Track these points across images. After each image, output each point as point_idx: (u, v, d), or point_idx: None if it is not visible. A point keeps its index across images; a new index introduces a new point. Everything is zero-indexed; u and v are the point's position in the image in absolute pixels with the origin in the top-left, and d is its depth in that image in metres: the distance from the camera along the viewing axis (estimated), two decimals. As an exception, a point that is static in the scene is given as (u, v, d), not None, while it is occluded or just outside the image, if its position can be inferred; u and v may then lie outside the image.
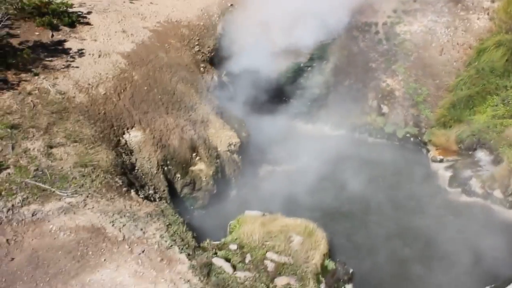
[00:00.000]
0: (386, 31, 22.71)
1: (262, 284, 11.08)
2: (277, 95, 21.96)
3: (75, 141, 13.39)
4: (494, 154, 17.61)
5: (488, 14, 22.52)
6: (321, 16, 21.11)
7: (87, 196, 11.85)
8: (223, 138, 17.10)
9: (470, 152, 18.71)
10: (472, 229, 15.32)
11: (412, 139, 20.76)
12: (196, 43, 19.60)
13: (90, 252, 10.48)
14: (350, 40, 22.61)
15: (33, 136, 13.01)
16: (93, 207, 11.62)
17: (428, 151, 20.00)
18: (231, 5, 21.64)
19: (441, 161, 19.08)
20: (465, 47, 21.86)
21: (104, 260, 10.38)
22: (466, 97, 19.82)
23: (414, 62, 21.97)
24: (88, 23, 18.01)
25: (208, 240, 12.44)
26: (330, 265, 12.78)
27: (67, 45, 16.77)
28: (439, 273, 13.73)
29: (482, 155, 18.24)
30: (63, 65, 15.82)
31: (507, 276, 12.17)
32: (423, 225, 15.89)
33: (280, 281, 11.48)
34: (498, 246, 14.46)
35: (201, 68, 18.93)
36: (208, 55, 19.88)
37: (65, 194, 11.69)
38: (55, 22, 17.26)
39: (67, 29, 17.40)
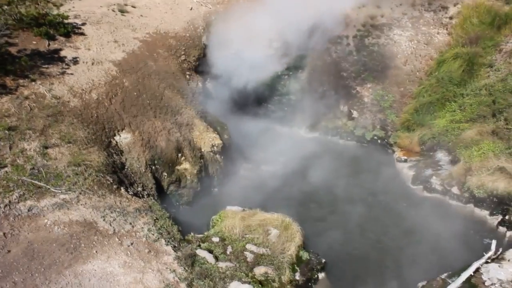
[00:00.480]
0: (356, 43, 22.96)
1: (242, 273, 11.11)
2: (256, 101, 22.02)
3: (69, 142, 13.25)
4: (452, 154, 17.89)
5: (446, 29, 22.95)
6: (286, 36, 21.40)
7: (80, 193, 11.76)
8: (206, 140, 17.08)
9: (431, 153, 18.99)
10: (431, 221, 15.51)
11: (379, 141, 20.97)
12: (183, 52, 19.56)
13: (83, 245, 10.39)
14: (323, 51, 22.77)
15: (30, 137, 12.85)
16: (85, 203, 11.53)
17: (393, 152, 20.23)
18: (215, 18, 21.62)
19: (405, 161, 19.31)
20: (427, 58, 22.23)
21: (96, 252, 10.30)
22: (428, 104, 20.12)
23: (381, 72, 22.25)
24: (82, 34, 17.84)
25: (192, 233, 12.45)
26: (305, 255, 12.87)
27: (62, 53, 16.58)
28: (401, 260, 13.87)
29: (441, 155, 18.52)
30: (59, 72, 15.64)
31: (462, 264, 12.35)
32: (387, 217, 16.06)
33: (259, 270, 11.52)
34: (454, 237, 14.68)
35: (187, 76, 18.90)
36: (193, 63, 19.86)
37: (59, 191, 11.57)
38: (51, 32, 17.05)
39: (62, 38, 17.21)
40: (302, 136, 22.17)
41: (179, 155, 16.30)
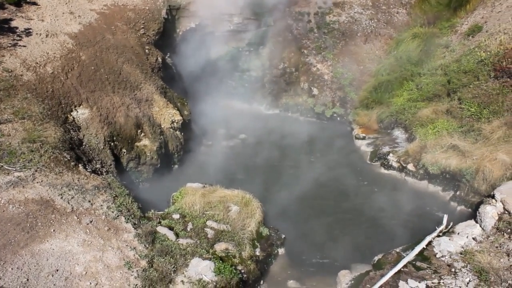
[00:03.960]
0: (317, 21, 23.02)
1: (203, 249, 11.17)
2: (217, 77, 21.86)
3: (23, 118, 12.79)
4: (409, 132, 18.41)
5: (406, 9, 23.35)
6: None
7: (36, 171, 11.42)
8: (166, 116, 16.88)
9: (388, 131, 19.51)
10: (388, 197, 16.00)
11: (338, 118, 21.32)
12: (142, 26, 19.06)
13: (39, 224, 10.15)
14: (285, 28, 22.73)
15: (-20, 112, 12.33)
16: (42, 181, 11.22)
17: (352, 129, 20.61)
18: (175, -9, 21.17)
19: (363, 138, 19.73)
20: (386, 37, 22.60)
21: (53, 230, 10.09)
22: (386, 82, 20.55)
23: (342, 50, 22.47)
24: (35, 3, 17.07)
25: (152, 211, 12.36)
26: (265, 231, 13.06)
27: (13, 24, 15.84)
28: (358, 235, 14.28)
29: (398, 133, 19.04)
30: (10, 43, 14.96)
31: (416, 238, 12.84)
32: (345, 194, 16.44)
33: (219, 246, 11.63)
34: (409, 213, 15.21)
35: (146, 50, 18.46)
36: (153, 38, 19.40)
37: (14, 169, 11.20)
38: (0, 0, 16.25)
39: (13, 8, 16.42)
40: (263, 113, 22.27)
41: (139, 131, 16.05)
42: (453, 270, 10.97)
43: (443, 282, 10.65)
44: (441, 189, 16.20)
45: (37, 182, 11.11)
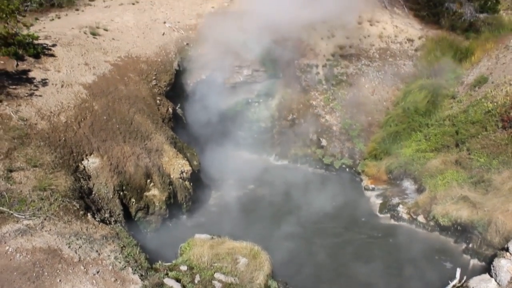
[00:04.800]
0: (326, 73, 23.40)
1: (210, 302, 10.94)
2: (226, 128, 22.07)
3: (35, 166, 12.92)
4: (418, 183, 18.28)
5: (412, 61, 23.76)
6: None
7: (45, 219, 11.40)
8: (176, 166, 16.94)
9: (398, 182, 19.37)
10: (399, 249, 15.72)
11: (347, 169, 21.25)
12: (154, 77, 19.50)
13: (46, 273, 10.03)
14: (293, 80, 23.11)
15: (-6, 160, 12.48)
16: (50, 229, 11.18)
17: (361, 180, 20.50)
18: (187, 44, 21.75)
19: (372, 189, 19.59)
20: (393, 89, 22.89)
21: (60, 280, 9.96)
22: (394, 133, 20.62)
23: (350, 101, 22.71)
24: (52, 55, 17.60)
25: (160, 262, 12.20)
26: (273, 284, 12.75)
27: (31, 74, 16.29)
28: (370, 287, 14.00)
29: (408, 184, 18.92)
30: (27, 93, 15.33)
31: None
32: (355, 246, 16.20)
33: (227, 299, 11.38)
34: (420, 265, 14.89)
35: (157, 101, 18.80)
36: (164, 88, 19.79)
37: (23, 217, 11.20)
38: (20, 52, 16.73)
39: (32, 59, 16.93)
40: (272, 164, 22.28)
41: (148, 181, 16.09)
42: (468, 327, 10.62)
43: None
44: (452, 241, 15.93)
45: (46, 231, 11.07)
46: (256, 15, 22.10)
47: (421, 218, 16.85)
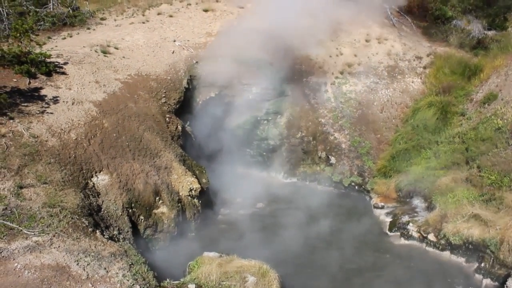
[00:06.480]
0: (334, 90, 23.42)
1: (218, 321, 10.82)
2: (235, 145, 22.07)
3: (45, 183, 12.99)
4: (428, 201, 18.07)
5: (421, 78, 23.77)
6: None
7: (54, 236, 11.42)
8: (184, 183, 16.94)
9: (407, 200, 19.15)
10: (409, 269, 15.49)
11: (356, 187, 21.09)
12: (163, 95, 19.64)
13: (54, 290, 10.02)
14: (302, 98, 23.14)
15: (4, 176, 12.56)
16: (59, 246, 11.19)
17: (370, 198, 20.32)
18: (196, 62, 21.92)
19: (382, 207, 19.38)
20: (402, 106, 22.82)
21: (67, 298, 9.94)
22: (404, 150, 20.47)
23: (359, 118, 22.66)
24: (64, 73, 17.82)
25: (168, 280, 12.14)
26: (282, 303, 12.65)
27: (43, 92, 16.48)
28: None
29: (418, 202, 18.70)
30: (38, 110, 15.49)
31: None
32: (364, 265, 15.96)
33: (235, 318, 11.25)
34: (431, 285, 14.65)
35: (167, 118, 18.89)
36: (173, 106, 19.89)
37: (32, 233, 11.23)
38: (32, 70, 16.98)
39: (44, 77, 17.16)
40: (281, 181, 22.18)
41: (157, 198, 16.08)
42: None
43: None
44: (464, 261, 15.65)
45: (54, 248, 11.08)
46: (265, 33, 22.26)
47: (431, 237, 16.60)
